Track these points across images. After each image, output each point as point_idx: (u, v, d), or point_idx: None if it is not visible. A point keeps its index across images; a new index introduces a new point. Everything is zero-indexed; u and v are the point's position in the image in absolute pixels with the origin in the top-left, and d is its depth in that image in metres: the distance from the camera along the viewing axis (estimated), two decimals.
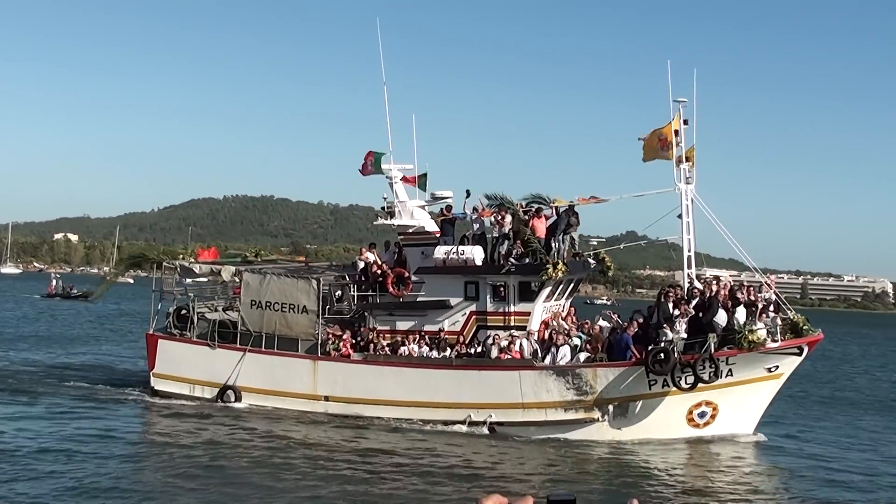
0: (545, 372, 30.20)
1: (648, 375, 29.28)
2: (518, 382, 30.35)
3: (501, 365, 30.66)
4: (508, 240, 32.70)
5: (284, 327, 33.67)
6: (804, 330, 29.86)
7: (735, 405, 30.26)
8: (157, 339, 35.54)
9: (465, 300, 33.05)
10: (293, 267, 39.11)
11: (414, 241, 34.79)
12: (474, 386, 30.98)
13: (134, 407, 34.71)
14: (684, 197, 31.33)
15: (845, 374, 66.22)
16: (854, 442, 34.09)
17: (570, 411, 30.14)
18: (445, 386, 31.28)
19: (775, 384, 30.64)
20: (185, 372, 35.00)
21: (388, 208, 34.88)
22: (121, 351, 54.91)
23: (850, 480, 27.16)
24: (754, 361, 29.51)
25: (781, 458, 30.00)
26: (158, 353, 35.37)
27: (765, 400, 30.93)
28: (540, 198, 33.93)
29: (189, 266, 35.54)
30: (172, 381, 35.16)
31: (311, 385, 33.16)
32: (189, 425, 31.66)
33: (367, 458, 27.79)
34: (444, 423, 31.15)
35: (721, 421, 30.39)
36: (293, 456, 27.99)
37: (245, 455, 27.75)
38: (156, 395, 35.23)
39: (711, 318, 28.88)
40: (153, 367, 35.50)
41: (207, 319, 35.20)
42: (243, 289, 34.40)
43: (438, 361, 31.54)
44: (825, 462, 29.80)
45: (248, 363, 33.98)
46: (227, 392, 34.17)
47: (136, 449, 28.89)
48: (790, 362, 30.21)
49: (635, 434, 30.10)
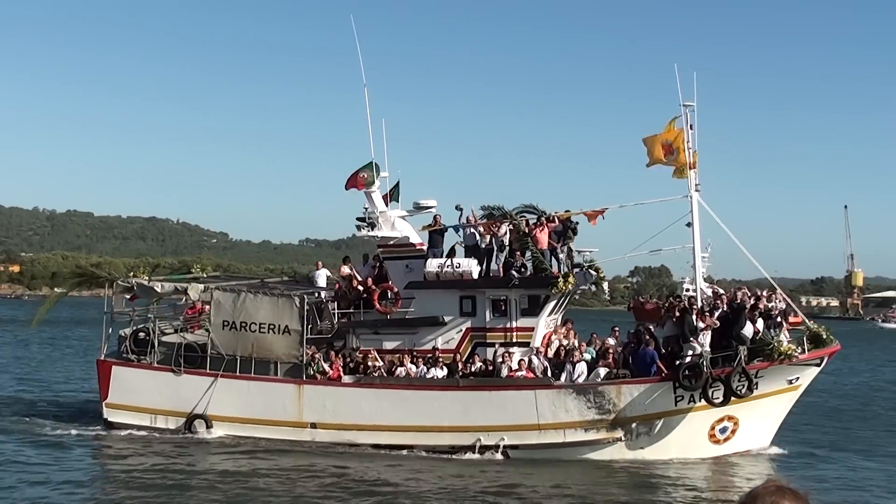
0: (564, 391, 28.33)
1: (676, 391, 27.80)
2: (534, 402, 28.37)
3: (515, 384, 28.63)
4: (504, 251, 30.81)
5: (264, 350, 30.75)
6: (826, 340, 29.00)
7: (755, 419, 29.11)
8: (110, 366, 31.99)
9: (460, 316, 30.93)
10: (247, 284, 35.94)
11: (397, 254, 32.44)
12: (484, 407, 28.83)
13: (84, 443, 31.01)
14: (695, 205, 30.12)
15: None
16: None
17: (591, 431, 28.33)
18: (451, 408, 29.03)
19: (793, 396, 29.66)
20: (145, 401, 31.60)
21: (368, 219, 32.37)
22: (58, 379, 49.51)
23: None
24: (779, 373, 28.44)
25: (806, 471, 28.96)
26: (112, 381, 31.81)
27: (782, 412, 29.91)
28: (532, 208, 32.22)
29: (149, 285, 32.10)
30: (129, 411, 31.67)
31: (296, 411, 30.33)
32: (153, 460, 28.39)
33: (364, 490, 25.28)
34: (450, 448, 28.88)
35: (740, 436, 29.16)
36: (279, 491, 25.29)
37: (221, 490, 24.90)
38: (109, 428, 31.69)
39: (740, 330, 27.65)
40: (106, 396, 31.91)
41: (167, 343, 31.92)
42: (214, 309, 31.26)
43: (443, 382, 29.27)
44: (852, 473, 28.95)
45: (221, 389, 30.87)
46: (196, 422, 30.97)
47: (91, 492, 25.54)
48: (809, 373, 29.30)
49: (658, 453, 28.51)
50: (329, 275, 38.68)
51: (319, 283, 35.80)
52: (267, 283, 36.95)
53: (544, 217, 30.89)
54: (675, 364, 28.07)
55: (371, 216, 32.35)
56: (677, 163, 30.20)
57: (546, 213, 31.56)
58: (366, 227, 32.32)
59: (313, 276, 37.28)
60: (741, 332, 27.63)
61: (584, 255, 32.40)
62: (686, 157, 29.94)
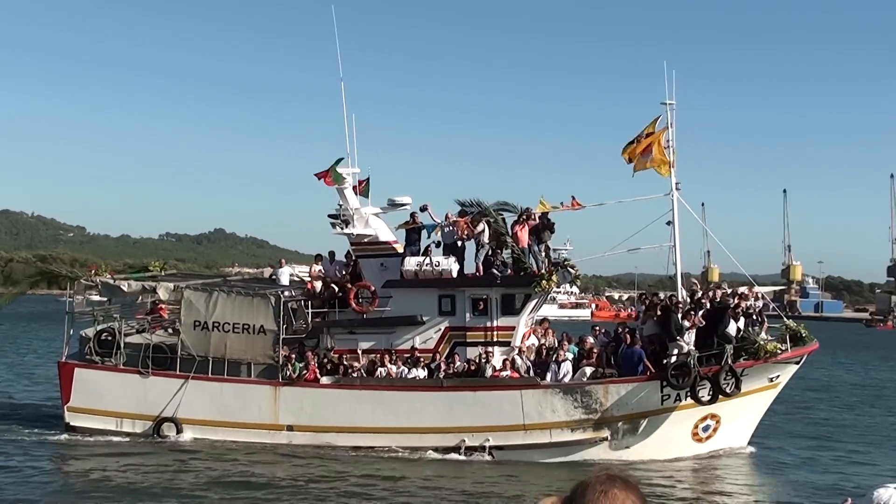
0: (551, 390, 28.02)
1: (663, 390, 27.71)
2: (520, 402, 28.00)
3: (500, 384, 28.20)
4: (483, 248, 30.41)
5: (237, 351, 29.84)
6: (805, 338, 29.22)
7: (736, 417, 29.19)
8: (73, 368, 30.72)
9: (439, 315, 30.42)
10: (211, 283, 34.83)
11: (371, 252, 31.77)
12: (469, 408, 28.36)
13: (44, 448, 29.68)
14: (675, 203, 30.11)
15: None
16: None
17: (578, 431, 28.06)
18: (434, 409, 28.49)
19: (772, 394, 29.83)
20: (111, 404, 30.41)
21: (343, 216, 31.62)
22: (10, 380, 46.87)
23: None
24: (761, 372, 28.55)
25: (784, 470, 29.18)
26: (75, 384, 30.55)
27: (761, 410, 30.06)
28: (507, 205, 31.85)
29: (115, 284, 30.90)
30: (93, 415, 30.46)
31: (272, 414, 29.49)
32: (120, 465, 27.41)
33: (347, 492, 24.69)
34: (434, 449, 28.36)
35: (721, 434, 29.22)
36: (254, 495, 24.56)
37: (195, 496, 24.06)
38: (71, 433, 30.43)
39: (725, 328, 27.68)
40: (68, 399, 30.64)
41: (133, 344, 30.76)
42: (185, 308, 30.20)
43: (427, 383, 28.73)
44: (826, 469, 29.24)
45: (192, 392, 29.87)
46: (165, 425, 29.92)
47: (53, 498, 24.44)
48: (788, 371, 29.50)
49: (642, 453, 28.36)
50: (293, 273, 37.89)
51: (283, 281, 34.95)
52: (229, 281, 35.95)
53: (525, 214, 30.49)
54: (658, 363, 27.98)
55: (345, 213, 31.64)
56: (654, 162, 30.09)
57: (524, 210, 31.18)
58: (340, 223, 31.59)
59: (276, 275, 36.41)
60: (726, 330, 27.66)
61: (560, 253, 32.18)
62: (666, 154, 29.89)
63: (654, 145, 29.75)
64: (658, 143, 29.70)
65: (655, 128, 30.51)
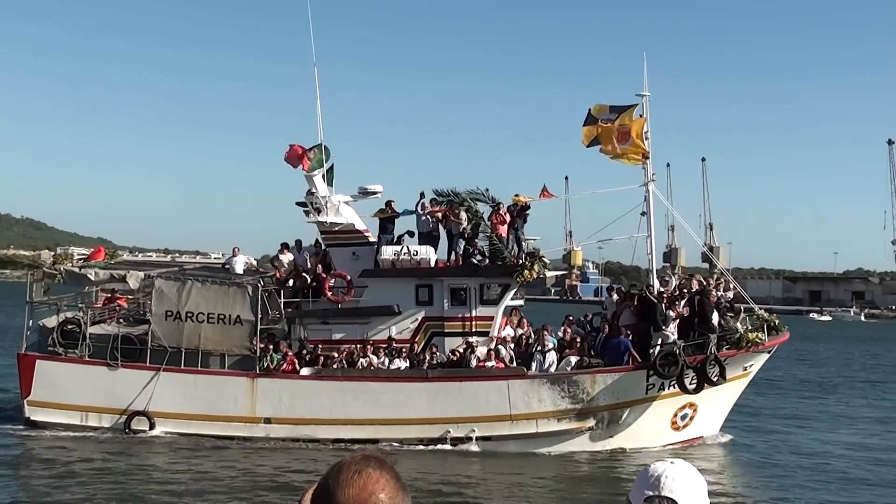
0: (538, 380, 28.06)
1: (649, 379, 28.04)
2: (506, 393, 27.97)
3: (486, 375, 28.11)
4: (464, 238, 30.24)
5: (212, 341, 29.02)
6: (779, 328, 29.92)
7: (711, 405, 29.75)
8: (33, 360, 29.45)
9: (416, 305, 30.14)
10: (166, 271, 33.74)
11: (342, 241, 31.25)
12: (454, 399, 28.19)
13: (3, 446, 28.42)
14: (650, 195, 30.43)
15: None
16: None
17: (564, 421, 28.17)
18: (419, 400, 28.24)
19: (744, 382, 30.50)
20: (75, 398, 29.27)
21: (314, 204, 30.98)
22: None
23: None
24: (738, 361, 29.15)
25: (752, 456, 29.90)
26: (36, 377, 29.31)
27: (733, 398, 30.70)
28: (480, 194, 31.71)
29: (80, 272, 29.66)
30: (56, 409, 29.28)
31: (248, 406, 28.81)
32: (88, 460, 26.46)
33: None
34: (419, 441, 28.14)
35: (697, 422, 29.75)
36: (233, 488, 24.07)
37: (169, 491, 23.40)
38: (32, 427, 29.21)
39: (709, 318, 28.15)
40: (28, 393, 29.37)
41: (98, 335, 29.64)
42: (156, 298, 29.22)
43: (411, 373, 28.44)
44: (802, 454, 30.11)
45: (164, 384, 28.96)
46: (136, 419, 28.95)
47: (17, 495, 23.53)
48: (761, 360, 30.18)
49: (622, 441, 28.67)
50: (247, 261, 37.01)
51: (237, 270, 34.18)
52: (185, 270, 34.92)
53: (504, 204, 30.43)
54: (638, 353, 28.29)
55: (316, 201, 31.02)
56: (632, 151, 30.32)
57: (496, 200, 31.09)
58: (312, 211, 30.97)
59: (230, 263, 35.56)
60: (710, 320, 28.14)
61: (529, 242, 32.17)
62: (645, 146, 30.16)
63: (633, 135, 29.93)
64: (638, 135, 29.90)
65: (632, 118, 30.71)
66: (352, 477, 3.20)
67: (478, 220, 30.38)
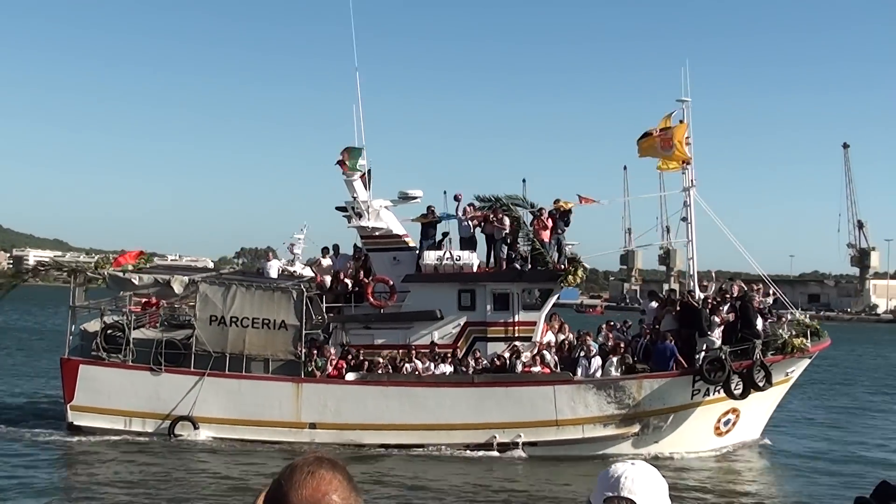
0: (584, 386, 28.12)
1: (694, 385, 28.10)
2: (552, 398, 28.03)
3: (533, 380, 28.16)
4: (506, 243, 30.31)
5: (257, 346, 29.05)
6: (820, 333, 30.03)
7: (753, 410, 29.83)
8: (77, 365, 29.46)
9: (458, 310, 30.19)
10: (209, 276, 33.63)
11: (383, 246, 31.30)
12: (500, 404, 28.25)
13: (46, 449, 28.42)
14: (692, 200, 30.51)
15: None
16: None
17: (610, 426, 28.24)
18: (465, 406, 28.28)
19: (785, 388, 30.58)
20: (119, 403, 29.31)
21: (356, 209, 31.02)
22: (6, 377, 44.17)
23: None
24: (782, 366, 29.23)
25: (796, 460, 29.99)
26: (79, 382, 29.31)
27: (774, 403, 30.79)
28: (520, 199, 31.79)
29: (124, 277, 29.66)
30: (100, 413, 29.31)
31: (294, 411, 28.83)
32: (134, 464, 26.66)
33: (373, 491, 24.29)
34: (464, 446, 28.19)
35: (739, 427, 29.82)
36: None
37: (217, 496, 23.51)
38: (75, 433, 29.22)
39: (753, 323, 28.24)
40: (71, 398, 29.38)
41: (143, 340, 29.66)
42: (200, 303, 29.25)
43: (457, 379, 28.48)
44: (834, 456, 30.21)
45: (208, 389, 28.99)
46: (181, 424, 28.97)
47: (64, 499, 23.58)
48: (801, 366, 30.26)
49: (667, 447, 28.74)
50: (281, 266, 36.97)
51: (271, 274, 34.17)
52: (221, 275, 34.90)
53: (546, 209, 30.51)
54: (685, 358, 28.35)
55: (357, 205, 31.07)
56: (675, 158, 30.43)
57: (534, 205, 31.19)
58: (354, 216, 31.01)
59: (264, 268, 35.56)
60: (755, 325, 28.22)
61: (568, 247, 32.22)
62: (686, 152, 30.25)
63: (675, 141, 30.02)
64: (680, 141, 29.99)
65: (670, 123, 30.83)
66: (304, 478, 3.24)
67: (519, 225, 30.45)
